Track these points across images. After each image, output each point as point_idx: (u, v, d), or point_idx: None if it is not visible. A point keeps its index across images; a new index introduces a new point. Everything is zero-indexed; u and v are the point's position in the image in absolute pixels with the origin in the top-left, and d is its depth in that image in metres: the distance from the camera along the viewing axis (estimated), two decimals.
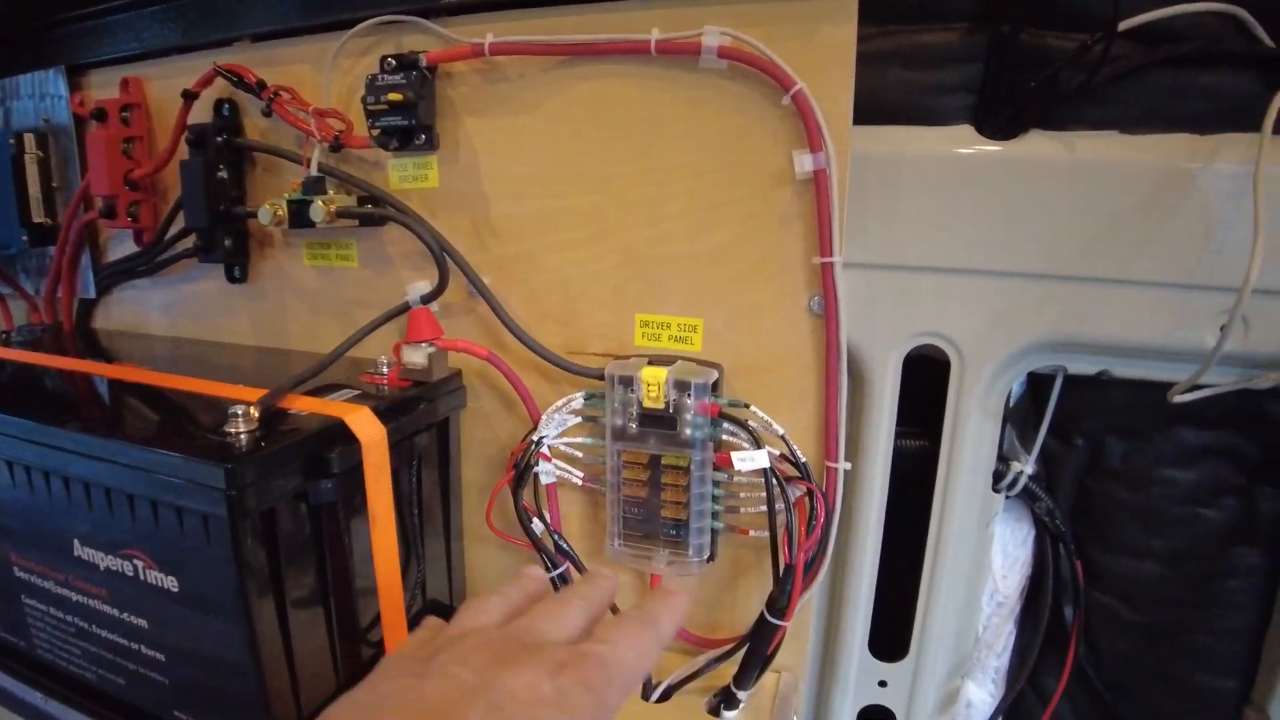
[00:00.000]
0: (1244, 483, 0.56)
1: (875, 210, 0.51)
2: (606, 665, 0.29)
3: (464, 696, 0.27)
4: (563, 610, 0.33)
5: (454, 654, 0.29)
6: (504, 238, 0.56)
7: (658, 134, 0.50)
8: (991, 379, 0.54)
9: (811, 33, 0.46)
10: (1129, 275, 0.49)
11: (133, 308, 0.74)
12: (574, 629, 0.33)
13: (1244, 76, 0.47)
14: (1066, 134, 0.50)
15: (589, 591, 0.36)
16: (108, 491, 0.45)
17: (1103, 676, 0.63)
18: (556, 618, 0.33)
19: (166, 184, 0.68)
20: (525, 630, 0.32)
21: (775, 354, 0.51)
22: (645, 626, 0.33)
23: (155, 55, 0.66)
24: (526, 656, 0.29)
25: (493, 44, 0.51)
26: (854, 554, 0.58)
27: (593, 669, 0.29)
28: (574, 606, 0.34)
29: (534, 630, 0.32)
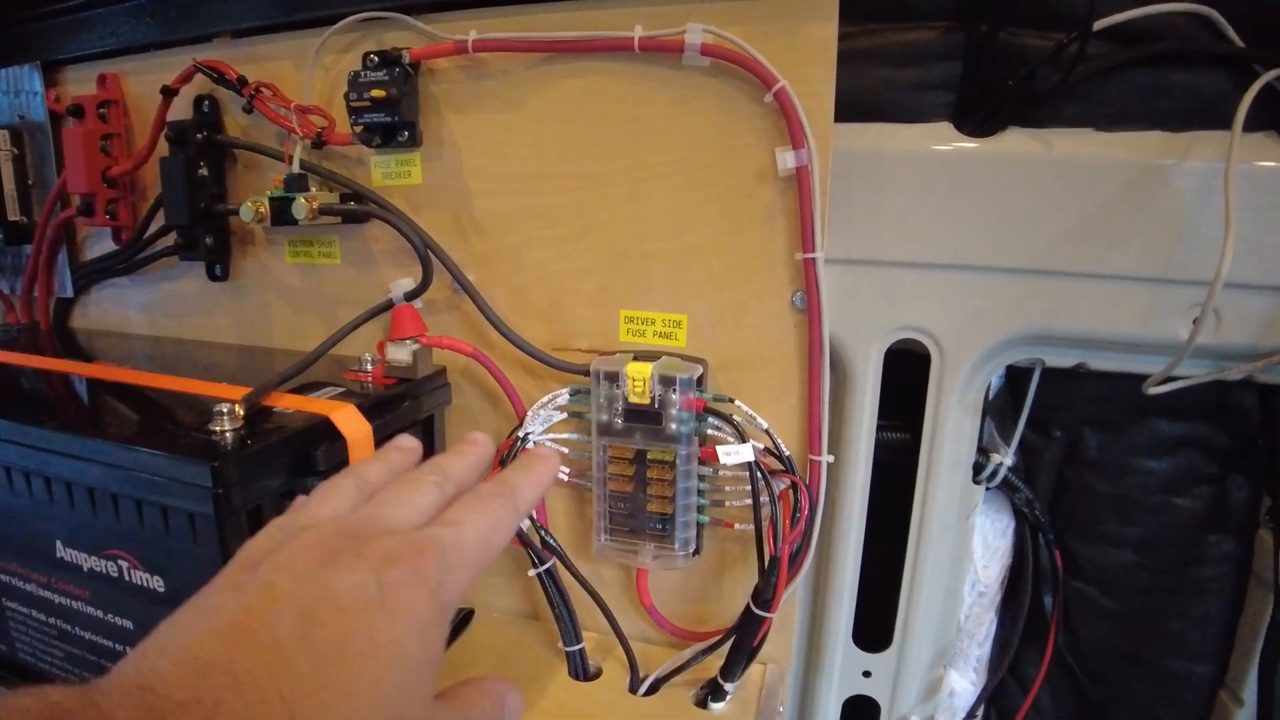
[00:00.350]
0: (1217, 472, 0.57)
1: (856, 206, 0.52)
2: (445, 551, 0.27)
3: (275, 607, 0.24)
4: (413, 491, 0.30)
5: (280, 557, 0.26)
6: (488, 234, 0.56)
7: (641, 131, 0.50)
8: (971, 372, 0.54)
9: (793, 30, 0.46)
10: (1104, 270, 0.50)
11: (112, 307, 0.73)
12: (423, 512, 0.30)
13: (1215, 75, 0.48)
14: (1043, 131, 0.50)
15: (450, 465, 0.33)
16: (90, 491, 0.45)
17: (1081, 663, 0.64)
18: (404, 501, 0.30)
19: (145, 181, 0.67)
20: (367, 519, 0.29)
21: (759, 349, 0.51)
22: (497, 500, 0.31)
23: (133, 51, 0.65)
24: (355, 552, 0.26)
25: (476, 41, 0.51)
26: (837, 546, 0.59)
27: (428, 558, 0.26)
28: (426, 486, 0.31)
29: (376, 518, 0.29)
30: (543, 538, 0.54)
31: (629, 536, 0.53)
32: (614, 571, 0.58)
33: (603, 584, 0.56)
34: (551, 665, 0.56)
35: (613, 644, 0.55)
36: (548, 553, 0.54)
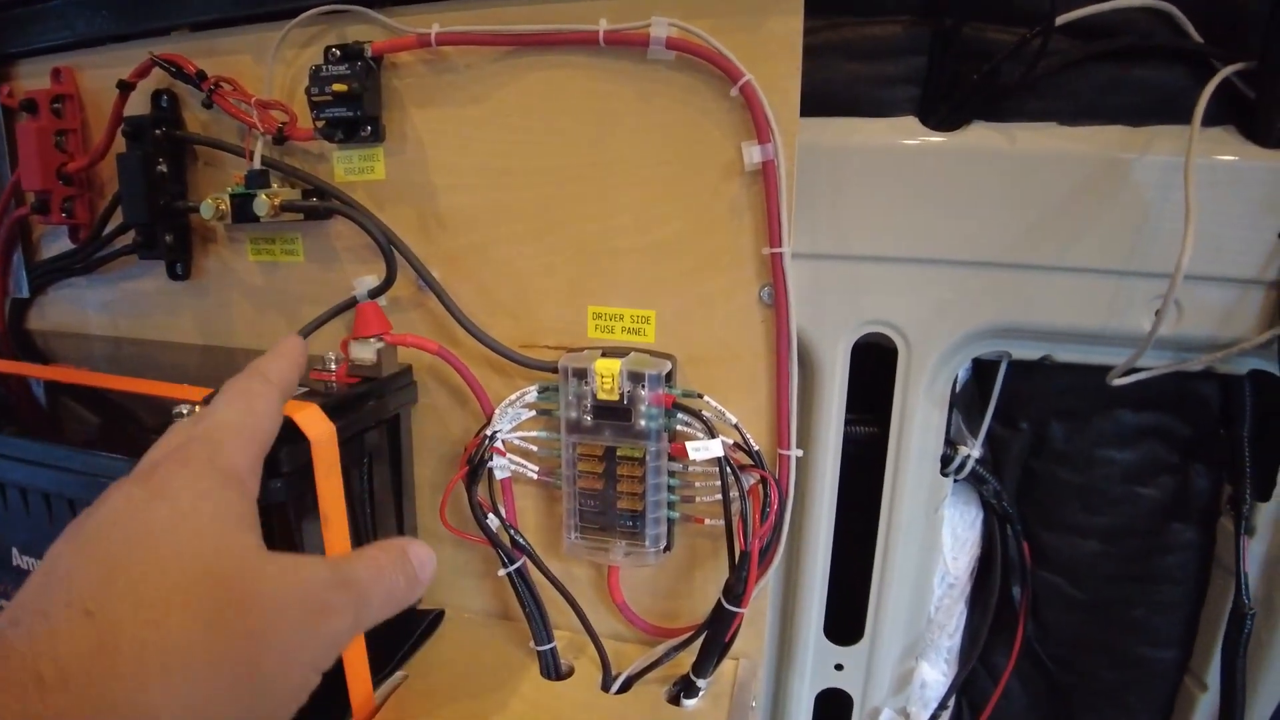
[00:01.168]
0: (1179, 461, 0.58)
1: (822, 201, 0.52)
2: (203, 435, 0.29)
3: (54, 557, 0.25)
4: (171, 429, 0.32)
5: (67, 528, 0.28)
6: (453, 230, 0.55)
7: (608, 125, 0.50)
8: (938, 366, 0.55)
9: (759, 24, 0.46)
10: (1068, 262, 0.50)
11: (70, 307, 0.72)
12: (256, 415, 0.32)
13: (1175, 70, 0.49)
14: (1007, 125, 0.51)
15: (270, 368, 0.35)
16: (47, 497, 0.44)
17: (1050, 652, 0.65)
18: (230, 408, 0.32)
19: (103, 178, 0.66)
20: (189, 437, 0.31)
21: (727, 344, 0.51)
22: (241, 378, 0.33)
23: (88, 44, 0.63)
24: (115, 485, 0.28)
25: (439, 34, 0.50)
26: (808, 540, 0.59)
27: (187, 448, 0.28)
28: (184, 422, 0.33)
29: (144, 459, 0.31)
30: (512, 537, 0.53)
31: (599, 534, 0.53)
32: (585, 569, 0.58)
33: (574, 582, 0.56)
34: (523, 665, 0.55)
35: (584, 642, 0.55)
36: (517, 552, 0.53)
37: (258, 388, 0.33)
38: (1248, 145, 0.48)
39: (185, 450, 0.28)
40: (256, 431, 0.31)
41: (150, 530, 0.25)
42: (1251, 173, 0.47)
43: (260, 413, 0.32)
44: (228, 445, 0.29)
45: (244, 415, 0.31)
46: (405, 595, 0.31)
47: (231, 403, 0.32)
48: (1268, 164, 0.47)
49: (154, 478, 0.27)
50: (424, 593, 0.31)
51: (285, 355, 0.36)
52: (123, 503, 0.26)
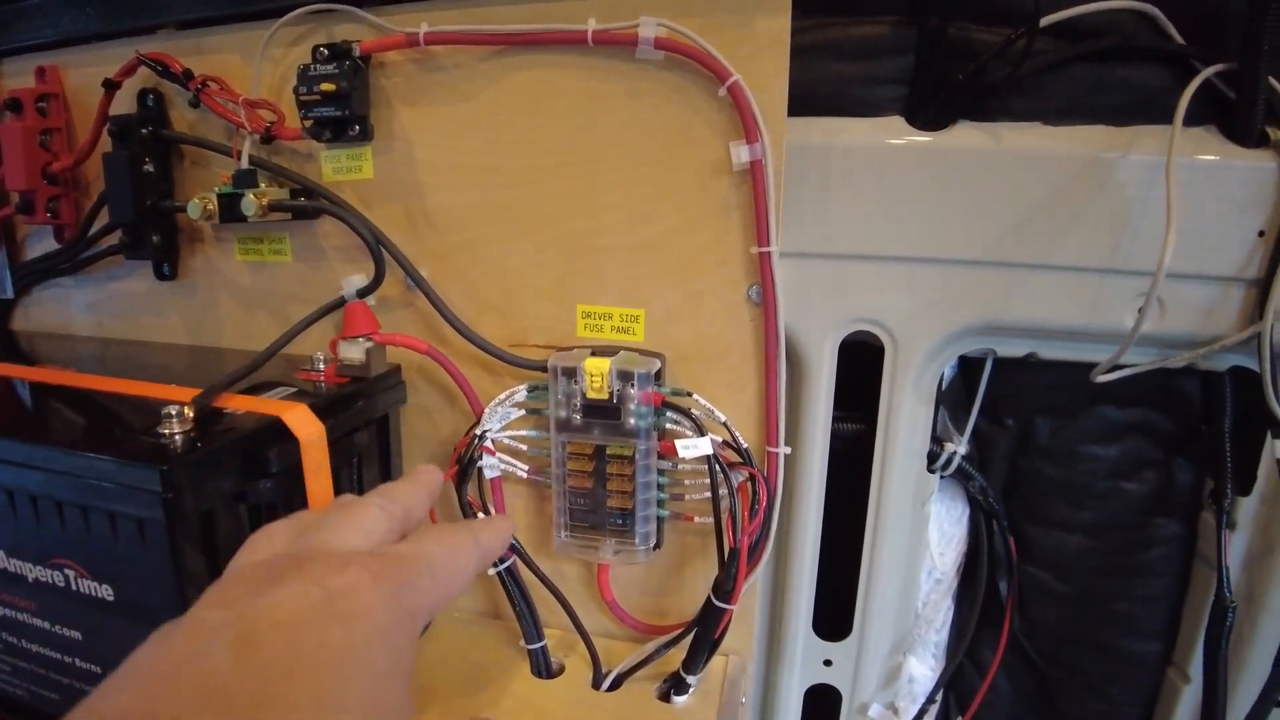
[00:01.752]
0: (1162, 457, 0.59)
1: (810, 200, 0.52)
2: (403, 559, 0.26)
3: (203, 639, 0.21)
4: (357, 513, 0.28)
5: (211, 593, 0.24)
6: (441, 229, 0.55)
7: (596, 124, 0.50)
8: (924, 363, 0.55)
9: (746, 24, 0.46)
10: (1052, 260, 0.51)
11: (55, 307, 0.71)
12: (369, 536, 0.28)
13: (1157, 71, 0.49)
14: (993, 125, 0.51)
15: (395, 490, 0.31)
16: (34, 499, 0.43)
17: (1036, 646, 0.65)
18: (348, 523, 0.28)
19: (88, 178, 0.65)
20: (306, 545, 0.27)
21: (716, 343, 0.51)
22: (461, 531, 0.30)
23: (73, 43, 0.63)
24: (296, 570, 0.24)
25: (427, 33, 0.50)
26: (796, 537, 0.60)
27: (383, 563, 0.25)
28: (370, 510, 0.29)
29: (315, 543, 0.27)
30: None
31: (589, 532, 0.53)
32: (575, 568, 0.58)
33: (564, 581, 0.56)
34: (514, 663, 0.55)
35: (575, 640, 0.55)
36: (508, 551, 0.53)
37: (468, 545, 0.30)
38: (1228, 145, 0.49)
39: (380, 561, 0.25)
40: (451, 584, 0.29)
41: (321, 657, 0.21)
42: (1232, 172, 0.48)
43: (463, 570, 0.30)
44: (423, 584, 0.26)
45: (449, 562, 0.28)
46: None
47: (440, 543, 0.29)
48: (1248, 163, 0.48)
49: (337, 582, 0.23)
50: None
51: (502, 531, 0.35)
52: (299, 599, 0.23)
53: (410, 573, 0.26)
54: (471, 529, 0.31)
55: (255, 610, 0.22)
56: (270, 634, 0.21)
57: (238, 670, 0.21)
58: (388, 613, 0.24)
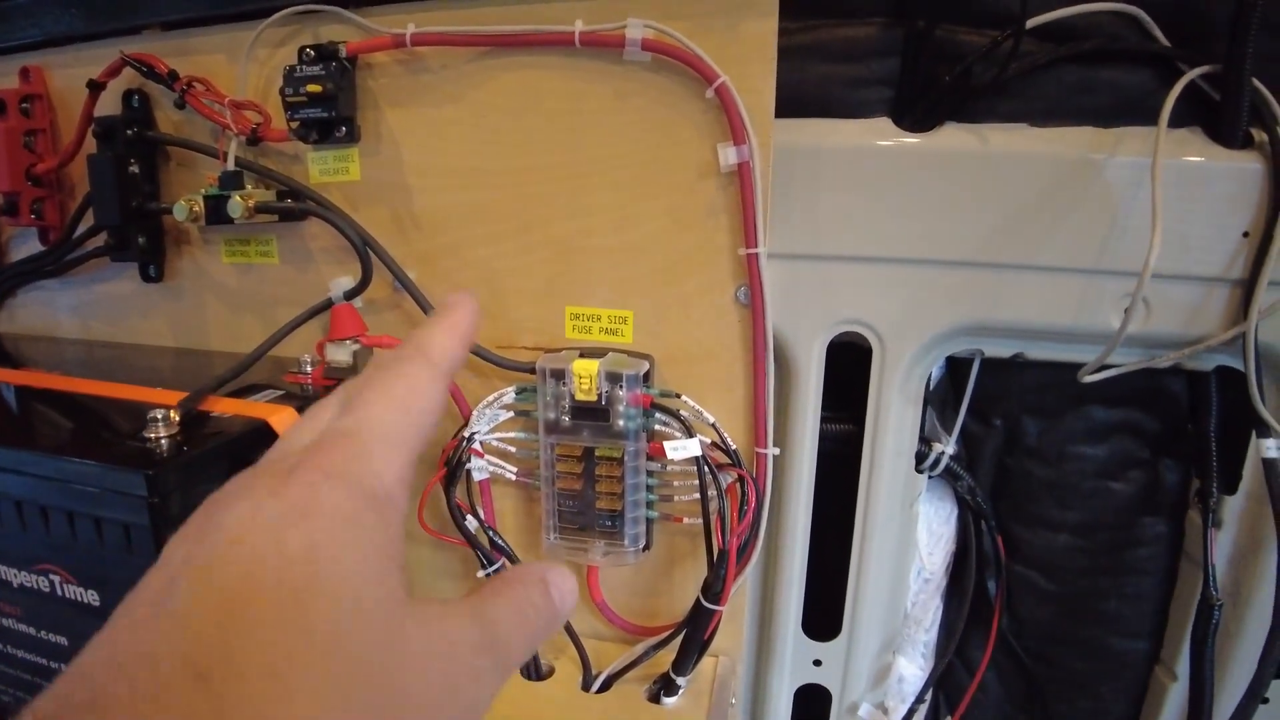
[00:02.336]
0: (1148, 456, 0.59)
1: (797, 201, 0.52)
2: (347, 438, 0.23)
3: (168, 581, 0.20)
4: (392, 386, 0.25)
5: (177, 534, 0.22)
6: (429, 231, 0.55)
7: (584, 126, 0.50)
8: (912, 364, 0.55)
9: (734, 26, 0.46)
10: (1039, 261, 0.51)
11: (40, 309, 0.71)
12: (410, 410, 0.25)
13: (1142, 73, 0.50)
14: (979, 126, 0.51)
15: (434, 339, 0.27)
16: (18, 504, 0.43)
17: (1024, 645, 0.66)
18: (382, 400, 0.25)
19: (73, 179, 0.65)
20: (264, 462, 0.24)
21: (704, 344, 0.51)
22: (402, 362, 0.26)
23: (57, 43, 0.62)
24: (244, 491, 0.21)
25: (414, 34, 0.50)
26: (785, 537, 0.60)
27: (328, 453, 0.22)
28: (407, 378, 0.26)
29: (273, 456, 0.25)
30: (491, 538, 0.53)
31: (578, 534, 0.53)
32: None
33: None
34: None
35: (564, 642, 0.55)
36: (496, 553, 0.53)
37: (418, 373, 0.25)
38: (1213, 146, 0.49)
39: (326, 454, 0.22)
40: (411, 433, 0.25)
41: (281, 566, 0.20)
42: (1217, 173, 0.48)
43: (418, 410, 0.25)
44: (376, 452, 0.23)
45: (399, 413, 0.24)
46: (546, 636, 0.26)
47: (385, 393, 0.25)
48: (1232, 165, 0.48)
49: (289, 487, 0.21)
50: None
51: (454, 327, 0.28)
52: (250, 515, 0.21)
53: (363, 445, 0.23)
54: (421, 347, 0.26)
55: (210, 534, 0.20)
56: (226, 556, 0.20)
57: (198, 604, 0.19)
58: (352, 501, 0.21)
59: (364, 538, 0.21)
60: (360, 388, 0.25)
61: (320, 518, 0.20)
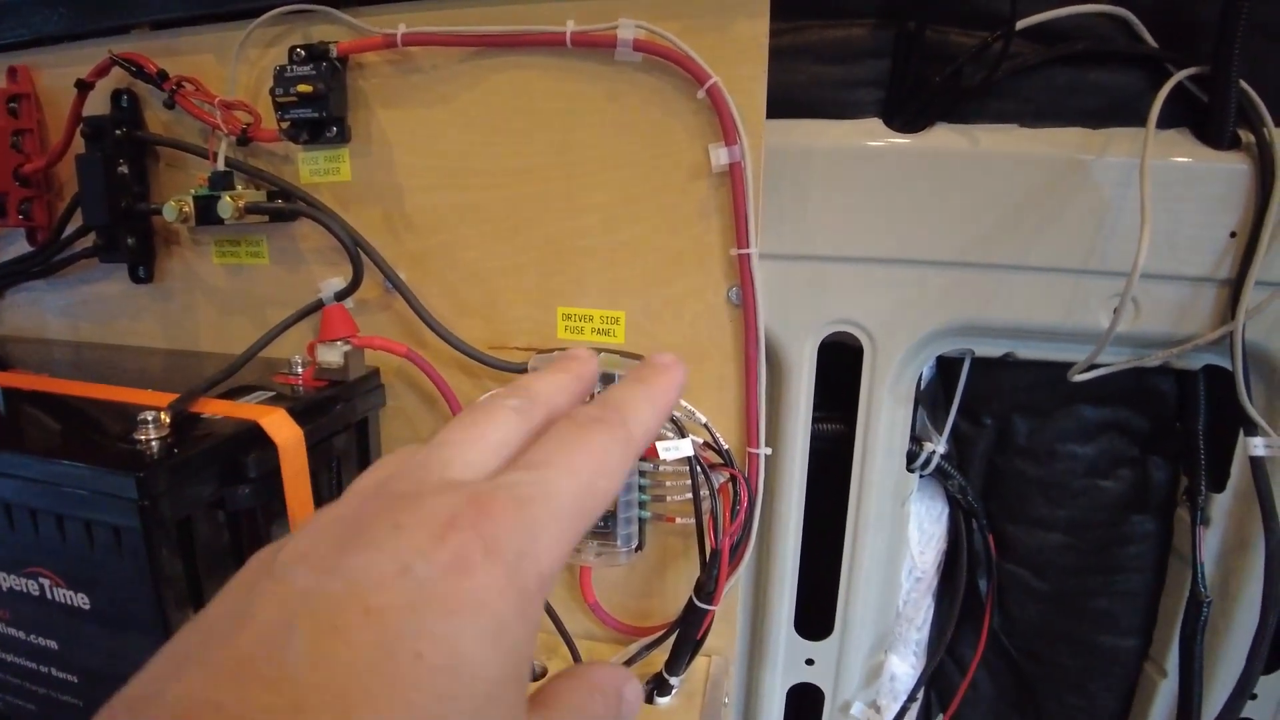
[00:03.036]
0: (1138, 454, 0.60)
1: (789, 202, 0.52)
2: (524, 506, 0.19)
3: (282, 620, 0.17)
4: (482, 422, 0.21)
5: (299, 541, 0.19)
6: (420, 231, 0.55)
7: (575, 126, 0.50)
8: (902, 364, 0.56)
9: (725, 26, 0.46)
10: (1029, 261, 0.51)
11: (28, 310, 0.70)
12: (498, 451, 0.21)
13: (1130, 74, 0.50)
14: (970, 127, 0.51)
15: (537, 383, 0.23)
16: (7, 507, 0.43)
17: (1016, 643, 0.66)
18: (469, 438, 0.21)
19: (61, 179, 0.64)
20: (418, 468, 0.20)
21: (696, 344, 0.51)
22: (600, 427, 0.21)
23: (45, 42, 0.62)
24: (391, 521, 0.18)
25: (405, 34, 0.50)
26: (777, 537, 0.60)
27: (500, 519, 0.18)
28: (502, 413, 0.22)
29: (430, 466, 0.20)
30: None
31: None
32: None
33: None
34: None
35: (557, 643, 0.55)
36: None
37: (614, 448, 0.21)
38: (1200, 147, 0.49)
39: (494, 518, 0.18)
40: (588, 517, 0.20)
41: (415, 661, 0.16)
42: (1204, 174, 0.49)
43: (604, 493, 0.21)
44: (549, 533, 0.19)
45: (585, 494, 0.20)
46: None
47: (575, 465, 0.20)
48: (1220, 165, 0.48)
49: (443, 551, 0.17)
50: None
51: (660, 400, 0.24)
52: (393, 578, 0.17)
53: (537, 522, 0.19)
54: (623, 417, 0.21)
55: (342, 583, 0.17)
56: (357, 625, 0.17)
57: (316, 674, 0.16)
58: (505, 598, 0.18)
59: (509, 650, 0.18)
60: (552, 441, 0.21)
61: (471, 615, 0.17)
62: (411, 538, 0.18)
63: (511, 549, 0.18)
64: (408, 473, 0.20)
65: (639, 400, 0.23)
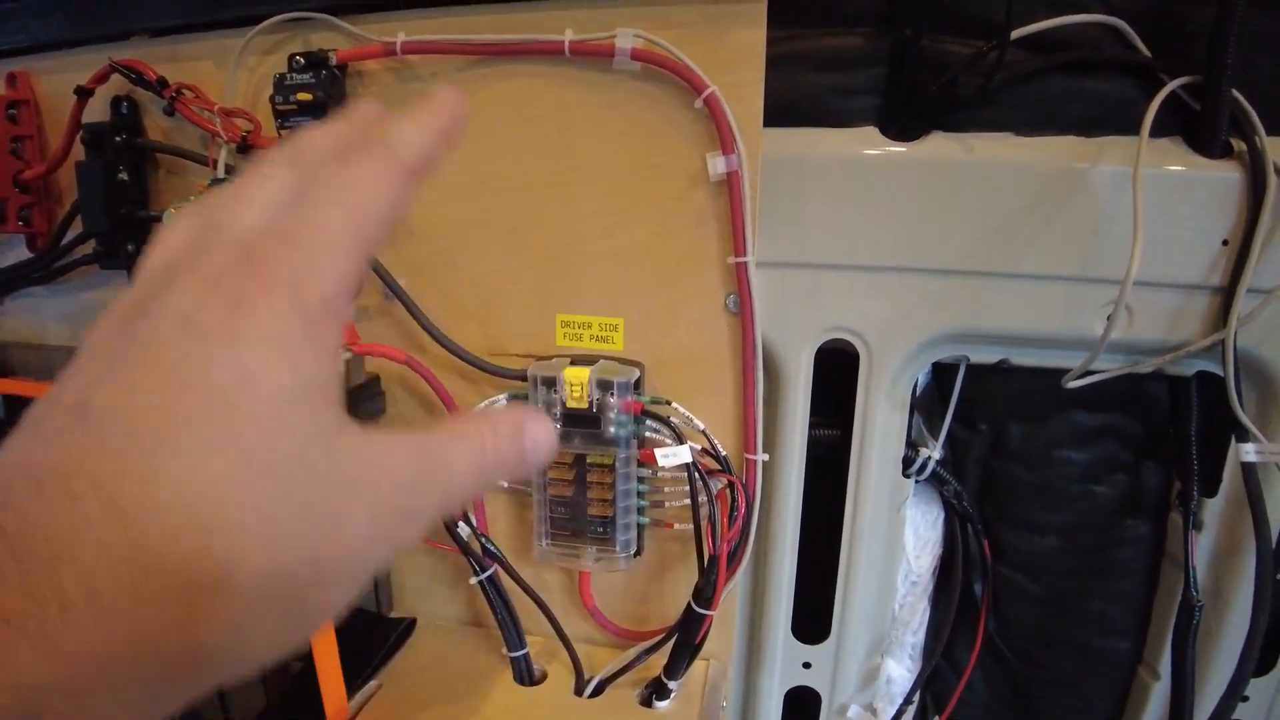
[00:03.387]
0: (1131, 460, 0.60)
1: (785, 210, 0.53)
2: (293, 242, 0.20)
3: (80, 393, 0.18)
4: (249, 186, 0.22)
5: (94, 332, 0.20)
6: (419, 238, 0.55)
7: (574, 134, 0.50)
8: (898, 370, 0.56)
9: (722, 36, 0.46)
10: (1023, 269, 0.52)
11: (28, 317, 0.70)
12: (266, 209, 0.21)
13: (1124, 83, 0.50)
14: (965, 135, 0.52)
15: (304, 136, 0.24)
16: None
17: (1011, 646, 0.66)
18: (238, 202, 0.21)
19: (60, 186, 0.65)
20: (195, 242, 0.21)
21: (694, 351, 0.52)
22: (364, 156, 0.22)
23: (44, 49, 0.62)
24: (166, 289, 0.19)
25: (405, 43, 0.50)
26: (774, 542, 0.60)
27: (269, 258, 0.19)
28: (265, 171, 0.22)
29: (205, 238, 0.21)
30: (483, 545, 0.54)
31: (570, 540, 0.54)
32: (556, 575, 0.58)
33: (545, 588, 0.57)
34: (496, 671, 0.56)
35: (557, 647, 0.55)
36: (489, 560, 0.54)
37: (381, 173, 0.22)
38: (1193, 156, 0.50)
39: (265, 262, 0.19)
40: (365, 241, 0.22)
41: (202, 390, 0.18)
42: (1197, 182, 0.49)
43: (377, 215, 0.22)
44: (323, 264, 0.20)
45: (354, 219, 0.21)
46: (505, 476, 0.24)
47: (340, 194, 0.21)
48: (1212, 174, 0.49)
49: (218, 297, 0.19)
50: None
51: (432, 123, 0.24)
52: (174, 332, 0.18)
53: (312, 251, 0.20)
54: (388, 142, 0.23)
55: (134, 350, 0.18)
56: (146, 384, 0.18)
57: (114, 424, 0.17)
58: (289, 319, 0.19)
59: (296, 359, 0.19)
60: (313, 182, 0.22)
61: (254, 343, 0.19)
62: (188, 295, 0.19)
63: (284, 280, 0.19)
64: (186, 246, 0.21)
65: (403, 122, 0.23)
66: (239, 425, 0.18)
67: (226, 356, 0.18)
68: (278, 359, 0.19)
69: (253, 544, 0.17)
